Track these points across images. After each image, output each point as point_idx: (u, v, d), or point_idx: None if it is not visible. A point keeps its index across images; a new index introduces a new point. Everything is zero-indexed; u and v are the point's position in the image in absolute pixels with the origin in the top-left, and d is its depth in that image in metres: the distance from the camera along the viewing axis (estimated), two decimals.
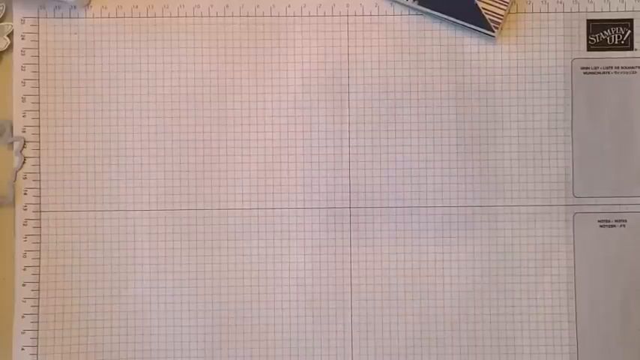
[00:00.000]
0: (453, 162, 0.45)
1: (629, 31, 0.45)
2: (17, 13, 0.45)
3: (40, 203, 0.45)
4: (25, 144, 0.45)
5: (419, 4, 0.44)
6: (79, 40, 0.45)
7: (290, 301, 0.45)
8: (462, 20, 0.44)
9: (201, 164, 0.45)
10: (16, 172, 0.45)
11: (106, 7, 0.45)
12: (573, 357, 0.44)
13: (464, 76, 0.45)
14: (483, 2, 0.43)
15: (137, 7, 0.45)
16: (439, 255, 0.45)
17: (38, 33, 0.45)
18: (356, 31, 0.45)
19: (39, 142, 0.45)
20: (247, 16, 0.45)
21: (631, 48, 0.45)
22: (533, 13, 0.45)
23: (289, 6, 0.45)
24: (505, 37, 0.45)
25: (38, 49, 0.45)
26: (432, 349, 0.45)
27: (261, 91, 0.45)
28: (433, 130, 0.45)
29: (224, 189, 0.45)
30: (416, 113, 0.45)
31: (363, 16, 0.45)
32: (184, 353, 0.45)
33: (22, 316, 0.44)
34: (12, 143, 0.45)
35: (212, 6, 0.45)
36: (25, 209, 0.45)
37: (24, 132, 0.45)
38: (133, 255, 0.45)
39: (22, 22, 0.45)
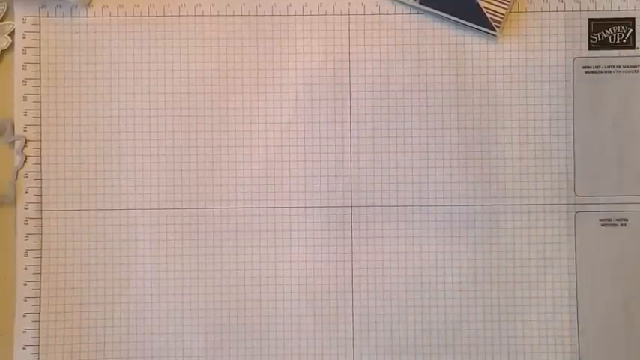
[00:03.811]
0: (455, 161, 0.45)
1: (631, 30, 0.45)
2: (18, 12, 0.45)
3: (41, 202, 0.45)
4: (26, 143, 0.45)
5: (420, 3, 0.44)
6: (80, 39, 0.45)
7: (291, 300, 0.45)
8: (464, 19, 0.44)
9: (203, 163, 0.45)
10: (18, 171, 0.45)
11: (107, 6, 0.45)
12: (574, 356, 0.44)
13: (465, 75, 0.45)
14: (485, 1, 0.43)
15: (138, 6, 0.45)
16: (440, 254, 0.45)
17: (39, 32, 0.45)
18: (357, 30, 0.45)
19: (40, 141, 0.45)
20: (249, 15, 0.45)
21: (633, 47, 0.45)
22: (534, 12, 0.45)
23: (290, 5, 0.45)
24: (506, 36, 0.45)
25: (39, 48, 0.45)
26: (433, 348, 0.44)
27: (263, 90, 0.45)
28: (434, 129, 0.45)
29: (225, 188, 0.45)
30: (417, 112, 0.45)
31: (365, 15, 0.45)
32: (185, 352, 0.45)
33: (24, 315, 0.44)
34: (13, 142, 0.45)
35: (213, 5, 0.45)
36: (27, 208, 0.45)
37: (25, 131, 0.45)
38: (134, 254, 0.45)
39: (24, 21, 0.45)
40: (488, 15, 0.44)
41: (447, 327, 0.45)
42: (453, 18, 0.44)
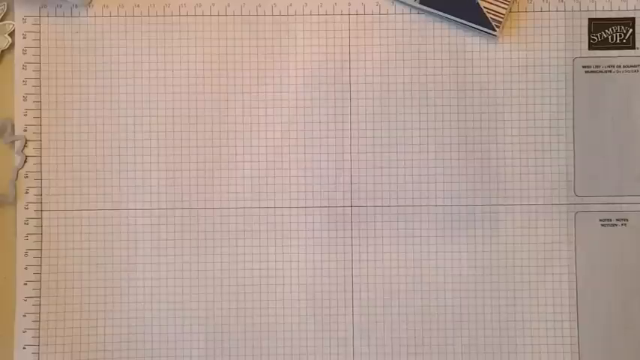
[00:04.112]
0: (455, 161, 0.45)
1: (631, 30, 0.45)
2: (19, 11, 0.45)
3: (41, 202, 0.45)
4: (26, 143, 0.45)
5: (420, 3, 0.44)
6: (81, 38, 0.45)
7: (292, 300, 0.45)
8: (464, 19, 0.44)
9: (203, 163, 0.45)
10: (18, 170, 0.45)
11: (107, 6, 0.45)
12: (575, 356, 0.44)
13: (465, 74, 0.45)
14: (485, 1, 0.43)
15: (139, 5, 0.45)
16: (440, 254, 0.45)
17: (40, 32, 0.45)
18: (357, 30, 0.45)
19: (40, 140, 0.45)
20: (249, 15, 0.45)
21: (633, 47, 0.45)
22: (534, 11, 0.45)
23: (290, 5, 0.45)
24: (506, 36, 0.45)
25: (40, 47, 0.45)
26: (433, 348, 0.44)
27: (263, 90, 0.45)
28: (435, 128, 0.45)
29: (225, 187, 0.45)
30: (417, 112, 0.45)
31: (365, 15, 0.45)
32: (185, 352, 0.45)
33: (24, 315, 0.44)
34: (13, 142, 0.45)
35: (214, 5, 0.45)
36: (27, 208, 0.45)
37: (25, 131, 0.45)
38: (134, 254, 0.45)
39: (24, 20, 0.45)
40: (488, 15, 0.44)
41: (447, 327, 0.45)
42: (453, 18, 0.44)
